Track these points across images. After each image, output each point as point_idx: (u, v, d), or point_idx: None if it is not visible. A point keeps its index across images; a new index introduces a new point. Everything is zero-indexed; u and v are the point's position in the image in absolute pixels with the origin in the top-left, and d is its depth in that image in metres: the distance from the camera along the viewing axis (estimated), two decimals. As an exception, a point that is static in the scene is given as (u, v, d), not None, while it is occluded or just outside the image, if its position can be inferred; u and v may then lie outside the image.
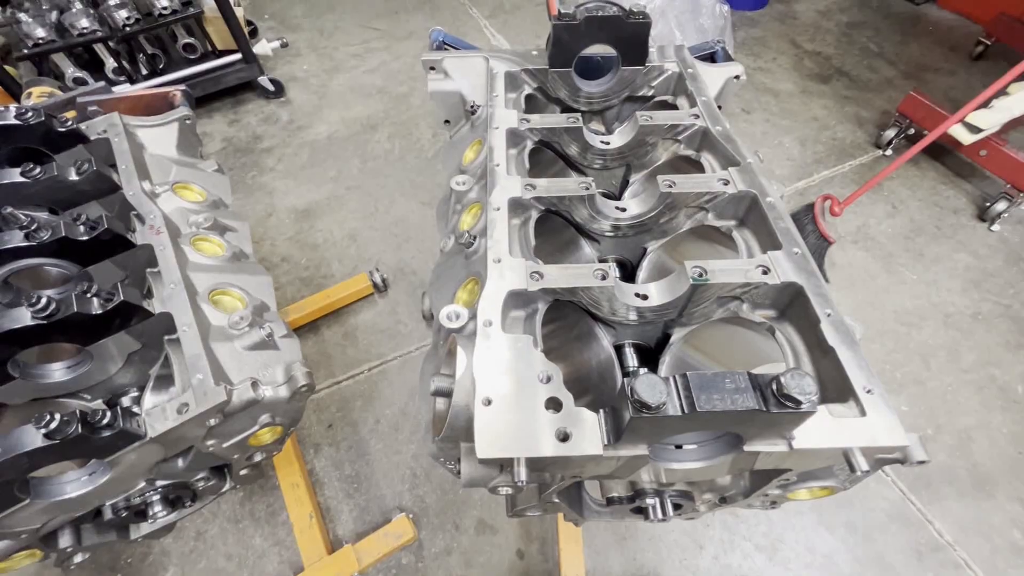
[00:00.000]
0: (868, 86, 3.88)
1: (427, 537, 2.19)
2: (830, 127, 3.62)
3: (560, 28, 1.10)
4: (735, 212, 0.96)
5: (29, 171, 1.12)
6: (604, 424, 0.63)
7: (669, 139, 1.10)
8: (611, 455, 0.61)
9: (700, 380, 0.54)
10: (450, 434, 0.69)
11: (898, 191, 3.25)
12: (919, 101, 3.13)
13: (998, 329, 2.70)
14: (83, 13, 3.05)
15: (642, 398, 0.52)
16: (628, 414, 0.54)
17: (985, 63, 3.95)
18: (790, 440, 0.62)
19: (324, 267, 3.01)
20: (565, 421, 0.64)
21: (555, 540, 2.16)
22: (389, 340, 2.74)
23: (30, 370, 1.01)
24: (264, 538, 2.19)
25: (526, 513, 0.85)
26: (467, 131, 1.23)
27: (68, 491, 0.92)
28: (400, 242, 3.09)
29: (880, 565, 2.10)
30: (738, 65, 1.26)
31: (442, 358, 0.80)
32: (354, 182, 3.40)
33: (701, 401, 0.52)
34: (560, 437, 0.63)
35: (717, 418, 0.53)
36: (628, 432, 0.57)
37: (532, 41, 4.41)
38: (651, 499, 0.73)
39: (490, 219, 0.88)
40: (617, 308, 0.83)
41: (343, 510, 2.27)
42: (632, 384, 0.54)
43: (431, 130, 3.68)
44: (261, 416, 1.10)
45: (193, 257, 1.21)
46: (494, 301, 0.76)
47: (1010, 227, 3.06)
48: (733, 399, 0.53)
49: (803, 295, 0.76)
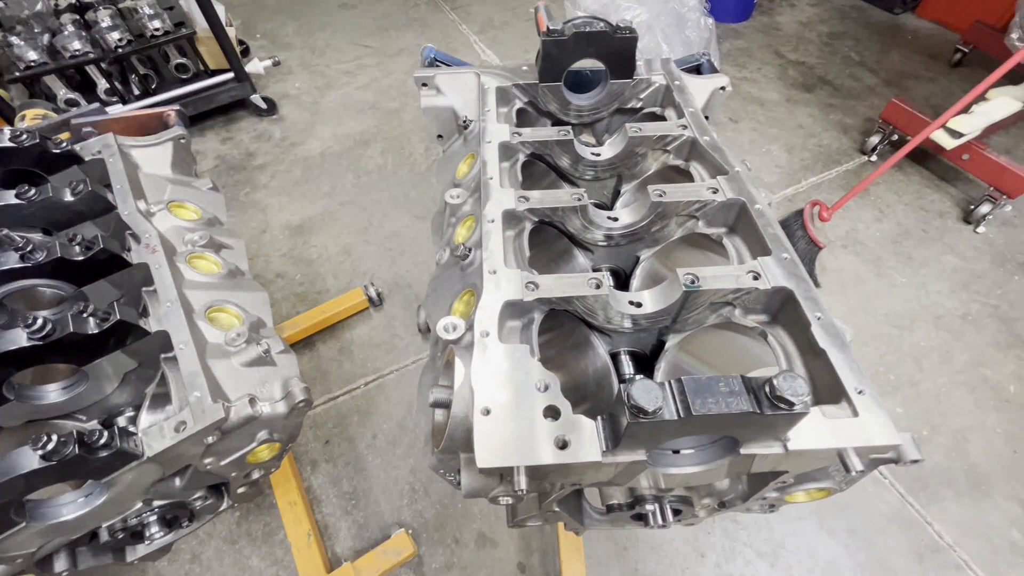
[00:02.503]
0: (851, 94, 3.95)
1: (427, 552, 2.17)
2: (816, 134, 3.68)
3: (549, 44, 1.12)
4: (725, 219, 0.98)
5: (24, 193, 1.13)
6: (602, 431, 0.64)
7: (658, 150, 1.12)
8: (610, 461, 0.62)
9: (695, 384, 0.55)
10: (450, 445, 0.69)
11: (885, 196, 3.30)
12: (901, 108, 3.20)
13: (987, 329, 2.73)
14: (75, 35, 3.07)
15: (638, 403, 0.53)
16: (625, 419, 0.54)
17: (964, 70, 4.05)
18: (785, 442, 0.63)
19: (319, 282, 3.01)
20: (564, 429, 0.65)
21: (556, 552, 2.15)
22: (385, 354, 2.74)
23: (25, 392, 1.01)
24: (261, 558, 2.16)
25: (527, 523, 0.85)
26: (460, 145, 1.25)
27: (65, 513, 0.91)
28: (394, 256, 3.10)
29: (882, 569, 2.10)
30: (723, 77, 1.29)
31: (440, 370, 0.81)
32: (347, 197, 3.41)
33: (696, 405, 0.53)
34: (559, 445, 0.64)
35: (712, 421, 0.54)
36: (626, 438, 0.57)
37: (521, 56, 4.48)
38: (651, 505, 0.74)
39: (485, 231, 0.89)
40: (612, 316, 0.84)
41: (341, 527, 2.24)
42: (628, 390, 0.55)
43: (423, 144, 3.71)
44: (259, 433, 1.09)
45: (189, 275, 1.21)
46: (490, 312, 0.76)
47: (995, 229, 3.11)
48: (728, 402, 0.54)
49: (793, 299, 0.78)
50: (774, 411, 0.54)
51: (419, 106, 4.21)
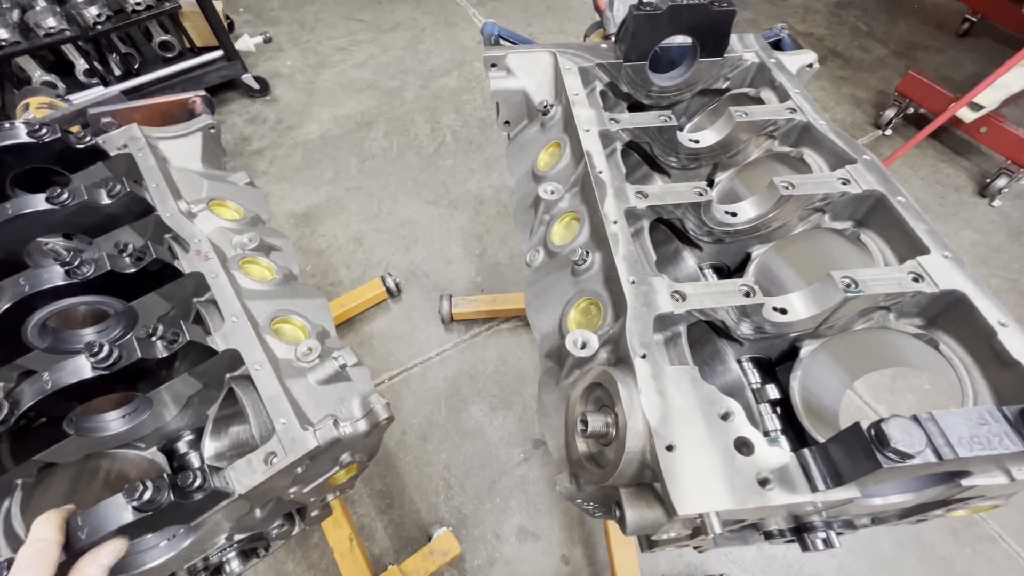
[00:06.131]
0: (861, 66, 3.90)
1: (468, 549, 2.13)
2: (829, 108, 3.63)
3: (641, 19, 1.02)
4: (853, 213, 0.91)
5: (56, 197, 0.99)
6: (814, 466, 0.57)
7: (763, 135, 1.04)
8: (821, 500, 0.55)
9: (953, 421, 0.48)
10: (618, 481, 0.62)
11: (900, 170, 3.28)
12: (918, 80, 3.16)
13: (1008, 303, 2.74)
14: (49, 11, 2.80)
15: (900, 448, 0.46)
16: (880, 462, 0.47)
17: (971, 40, 4.02)
18: (1013, 472, 0.57)
19: (331, 274, 2.88)
20: (761, 464, 0.58)
21: (598, 543, 2.13)
22: (407, 347, 2.64)
23: (84, 424, 0.90)
24: (297, 563, 2.10)
25: (666, 548, 0.79)
26: (537, 132, 1.14)
27: (148, 560, 0.82)
28: (408, 244, 2.98)
29: (919, 544, 2.13)
30: (810, 53, 1.20)
31: (579, 393, 0.73)
32: (353, 183, 3.25)
33: (961, 447, 0.47)
34: (760, 483, 0.57)
35: (974, 462, 0.48)
36: (864, 478, 0.51)
37: (523, 30, 4.29)
38: (820, 532, 0.68)
39: (611, 233, 0.80)
40: (753, 325, 0.77)
41: (377, 527, 2.18)
42: (884, 429, 0.47)
43: (428, 125, 3.55)
44: (342, 456, 1.01)
45: (245, 283, 1.10)
46: (643, 329, 0.68)
47: (1010, 202, 3.12)
48: (995, 441, 0.47)
49: (966, 303, 0.71)
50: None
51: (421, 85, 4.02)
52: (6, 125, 1.11)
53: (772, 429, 0.85)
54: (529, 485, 2.26)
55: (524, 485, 2.26)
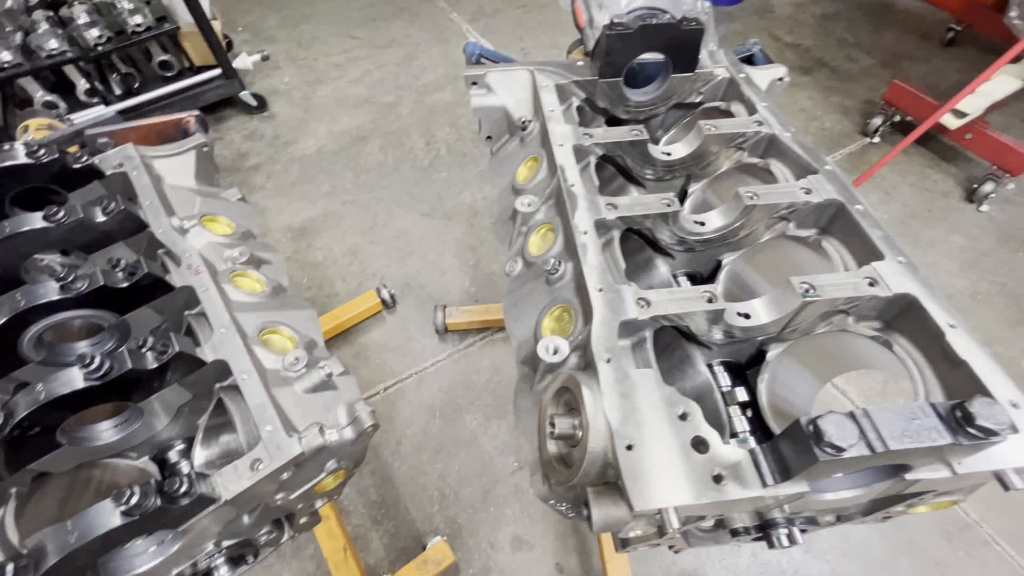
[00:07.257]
0: (849, 76, 3.96)
1: (463, 558, 2.14)
2: (817, 117, 3.68)
3: (614, 38, 1.06)
4: (817, 221, 0.94)
5: (53, 215, 1.03)
6: (764, 463, 0.59)
7: (732, 147, 1.08)
8: (772, 495, 0.58)
9: (885, 416, 0.51)
10: (584, 480, 0.65)
11: (889, 177, 3.32)
12: (904, 89, 3.21)
13: (997, 307, 2.78)
14: (51, 33, 2.88)
15: (834, 441, 0.49)
16: (812, 456, 0.50)
17: (956, 49, 4.08)
18: (954, 466, 0.60)
19: (327, 286, 2.92)
20: (715, 462, 0.61)
21: (592, 551, 2.14)
22: (402, 358, 2.67)
23: (76, 434, 0.93)
24: (292, 574, 2.11)
25: (638, 547, 0.82)
26: (516, 147, 1.18)
27: (137, 565, 0.84)
28: (403, 256, 3.02)
29: (913, 548, 2.14)
30: (781, 67, 1.24)
31: (550, 396, 0.76)
32: (349, 196, 3.30)
33: (893, 440, 0.50)
34: (714, 480, 0.60)
35: (906, 454, 0.51)
36: (804, 472, 0.54)
37: (515, 44, 4.37)
38: (783, 529, 0.71)
39: (580, 244, 0.83)
40: (719, 329, 0.80)
41: (372, 538, 2.19)
42: (820, 426, 0.50)
43: (423, 139, 3.61)
44: (328, 463, 1.03)
45: (235, 296, 1.13)
46: (608, 335, 0.71)
47: (998, 207, 3.16)
48: (924, 434, 0.50)
49: (917, 306, 0.75)
50: (972, 441, 0.50)
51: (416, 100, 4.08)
52: (5, 147, 1.15)
53: (741, 430, 0.88)
54: (523, 494, 2.27)
55: (518, 494, 2.27)
